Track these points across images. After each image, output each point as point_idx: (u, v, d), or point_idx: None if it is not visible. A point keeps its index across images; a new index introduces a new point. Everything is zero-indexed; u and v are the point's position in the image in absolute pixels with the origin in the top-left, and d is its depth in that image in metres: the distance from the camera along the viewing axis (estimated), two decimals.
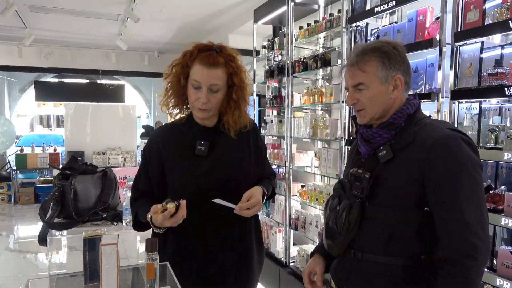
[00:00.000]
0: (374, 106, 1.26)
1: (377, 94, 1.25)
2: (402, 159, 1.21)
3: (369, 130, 1.29)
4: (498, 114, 1.85)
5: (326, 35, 3.14)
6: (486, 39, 1.81)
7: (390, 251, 1.22)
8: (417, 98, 1.31)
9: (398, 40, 2.23)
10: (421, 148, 1.18)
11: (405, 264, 1.20)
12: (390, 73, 1.24)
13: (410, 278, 1.20)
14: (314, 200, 3.02)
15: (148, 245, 1.17)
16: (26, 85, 10.28)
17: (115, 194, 2.39)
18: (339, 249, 1.32)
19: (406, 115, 1.25)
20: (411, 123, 1.24)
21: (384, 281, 1.23)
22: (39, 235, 2.16)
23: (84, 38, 7.57)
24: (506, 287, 1.58)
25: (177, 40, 7.47)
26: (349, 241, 1.28)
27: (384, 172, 1.23)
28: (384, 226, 1.23)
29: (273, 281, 3.46)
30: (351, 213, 1.27)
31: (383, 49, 1.24)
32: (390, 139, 1.25)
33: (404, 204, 1.21)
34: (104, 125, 6.50)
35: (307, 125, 3.18)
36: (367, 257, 1.26)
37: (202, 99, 1.42)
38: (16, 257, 4.73)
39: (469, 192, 1.13)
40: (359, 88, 1.26)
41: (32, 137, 10.80)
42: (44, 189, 7.28)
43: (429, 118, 1.28)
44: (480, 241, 1.10)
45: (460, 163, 1.14)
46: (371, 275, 1.26)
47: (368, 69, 1.24)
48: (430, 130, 1.20)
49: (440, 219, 1.16)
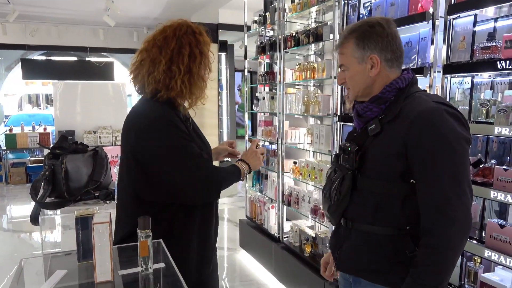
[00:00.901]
0: (355, 85, 1.33)
1: (356, 74, 1.31)
2: (388, 132, 1.25)
3: (361, 104, 1.34)
4: (490, 88, 1.85)
5: (318, 9, 3.09)
6: (479, 12, 1.79)
7: (377, 221, 1.26)
8: (410, 72, 1.33)
9: (390, 13, 2.20)
10: (405, 121, 1.21)
11: (391, 234, 1.25)
12: (365, 53, 1.28)
13: (396, 247, 1.25)
14: (307, 176, 3.04)
15: (141, 223, 1.17)
16: (12, 63, 10.03)
17: (106, 172, 2.37)
18: (334, 219, 1.39)
19: (396, 89, 1.28)
20: (401, 97, 1.27)
21: (371, 249, 1.29)
22: (31, 214, 2.15)
23: (71, 14, 7.36)
24: (494, 258, 1.62)
25: (166, 15, 7.30)
26: (342, 211, 1.34)
27: (372, 145, 1.28)
28: (372, 197, 1.27)
29: (266, 256, 3.52)
30: (343, 184, 1.32)
31: (359, 29, 1.29)
32: (380, 113, 1.29)
33: (390, 176, 1.24)
34: (94, 104, 6.42)
35: (299, 101, 3.17)
36: (357, 227, 1.31)
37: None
38: (10, 237, 4.74)
39: (449, 164, 1.15)
40: (342, 69, 1.35)
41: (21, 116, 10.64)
42: (35, 169, 7.24)
43: (421, 92, 1.29)
44: (456, 213, 1.13)
45: (441, 135, 1.15)
46: (360, 244, 1.31)
47: (345, 51, 1.31)
48: (416, 104, 1.22)
49: (420, 190, 1.19)
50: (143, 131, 1.38)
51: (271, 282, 3.40)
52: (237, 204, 5.93)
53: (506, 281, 1.65)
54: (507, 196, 1.58)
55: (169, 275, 1.24)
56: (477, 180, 1.72)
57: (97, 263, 1.14)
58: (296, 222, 3.42)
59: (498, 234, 1.63)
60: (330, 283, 2.67)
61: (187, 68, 1.42)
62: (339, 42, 1.34)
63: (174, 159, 1.36)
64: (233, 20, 6.24)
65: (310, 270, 2.87)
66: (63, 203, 2.19)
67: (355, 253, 1.33)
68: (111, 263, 1.16)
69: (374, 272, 1.29)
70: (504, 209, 1.84)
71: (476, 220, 1.87)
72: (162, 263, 1.27)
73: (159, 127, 1.37)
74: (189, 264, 1.48)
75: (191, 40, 1.44)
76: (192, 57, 1.43)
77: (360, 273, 1.33)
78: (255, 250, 3.79)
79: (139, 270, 1.19)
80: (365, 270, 1.31)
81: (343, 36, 1.33)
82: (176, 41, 1.42)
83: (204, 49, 1.46)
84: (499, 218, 1.81)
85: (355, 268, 1.35)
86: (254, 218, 3.86)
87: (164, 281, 1.23)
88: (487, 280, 1.69)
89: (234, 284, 3.47)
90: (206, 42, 1.48)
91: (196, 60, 1.43)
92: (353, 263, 1.35)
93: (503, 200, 1.59)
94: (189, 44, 1.43)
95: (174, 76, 1.40)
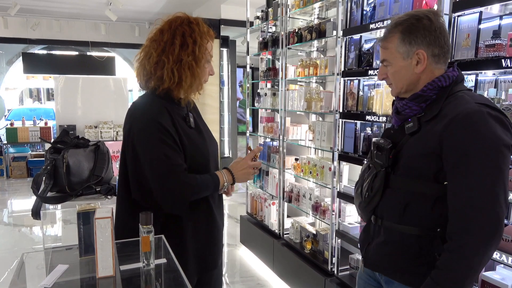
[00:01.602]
0: (398, 81, 1.29)
1: (400, 70, 1.27)
2: (425, 131, 1.21)
3: (401, 101, 1.30)
4: (494, 86, 1.84)
5: (321, 5, 3.07)
6: (484, 9, 1.77)
7: (405, 220, 1.25)
8: (456, 69, 1.27)
9: (394, 10, 2.18)
10: (443, 120, 1.16)
11: (419, 234, 1.23)
12: (411, 48, 1.23)
13: (422, 248, 1.23)
14: (308, 173, 3.04)
15: (143, 218, 1.16)
16: (13, 57, 10.03)
17: (108, 167, 2.37)
18: (365, 215, 1.38)
19: (438, 87, 1.23)
20: (443, 96, 1.22)
21: (398, 248, 1.27)
22: (33, 209, 2.15)
23: (72, 8, 7.35)
24: (495, 256, 1.61)
25: (168, 10, 7.26)
26: (373, 208, 1.33)
27: (408, 143, 1.25)
28: (402, 195, 1.26)
29: (267, 252, 3.52)
30: (375, 181, 1.31)
31: (405, 23, 1.24)
32: (420, 111, 1.25)
33: (422, 176, 1.21)
34: (95, 99, 6.41)
35: (301, 98, 3.16)
36: (385, 224, 1.30)
37: (213, 70, 1.53)
38: (11, 231, 4.75)
39: (484, 170, 1.09)
40: (385, 64, 1.31)
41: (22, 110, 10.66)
42: (36, 163, 7.24)
43: (465, 91, 1.23)
44: (482, 218, 1.08)
45: (480, 138, 1.09)
46: (388, 241, 1.30)
47: (389, 45, 1.27)
48: (457, 104, 1.17)
49: (449, 192, 1.16)
50: (136, 135, 1.40)
51: (271, 278, 3.40)
52: (238, 200, 5.93)
53: (507, 280, 1.64)
54: (510, 195, 1.57)
55: (170, 270, 1.24)
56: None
57: (99, 258, 1.14)
58: (296, 218, 3.42)
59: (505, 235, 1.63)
60: (331, 279, 2.68)
61: (177, 58, 1.41)
62: (384, 35, 1.29)
63: (153, 169, 1.36)
64: (235, 15, 6.23)
65: (310, 266, 2.88)
66: (64, 197, 2.19)
67: (383, 251, 1.32)
68: (113, 258, 1.16)
69: (400, 271, 1.28)
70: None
71: None
72: (163, 258, 1.27)
73: (149, 132, 1.37)
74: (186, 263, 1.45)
75: (185, 30, 1.43)
76: (184, 46, 1.41)
77: (386, 271, 1.32)
78: (256, 246, 3.80)
79: (141, 266, 1.19)
80: (392, 268, 1.30)
81: (387, 29, 1.28)
82: (171, 33, 1.42)
83: (197, 38, 1.43)
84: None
85: (382, 266, 1.33)
86: (255, 214, 3.86)
87: (166, 277, 1.23)
88: (488, 278, 1.68)
89: (234, 279, 3.48)
90: (202, 32, 1.45)
91: (188, 49, 1.41)
92: (380, 261, 1.33)
93: None
94: (182, 35, 1.42)
95: (163, 66, 1.40)
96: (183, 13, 1.50)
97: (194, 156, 1.45)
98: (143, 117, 1.40)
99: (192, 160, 1.43)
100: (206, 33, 1.47)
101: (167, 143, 1.36)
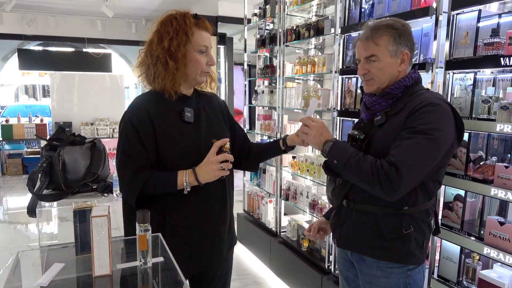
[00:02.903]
0: (382, 76, 1.42)
1: (386, 66, 1.41)
2: (391, 123, 1.39)
3: (370, 98, 1.47)
4: (492, 85, 1.83)
5: (319, 2, 3.06)
6: (483, 7, 1.77)
7: (376, 201, 1.38)
8: (416, 72, 1.46)
9: (393, 8, 2.18)
10: (406, 111, 1.35)
11: (388, 213, 1.39)
12: (400, 48, 1.40)
13: (391, 226, 1.39)
14: (305, 171, 3.03)
15: (140, 217, 1.15)
16: (9, 53, 9.94)
17: (104, 165, 2.36)
18: (337, 200, 1.52)
19: (403, 86, 1.42)
20: (406, 94, 1.41)
21: (370, 227, 1.43)
22: (28, 206, 2.14)
23: (68, 4, 7.29)
24: (493, 255, 1.61)
25: (165, 7, 7.23)
26: (345, 193, 1.48)
27: (377, 134, 1.42)
28: None
29: (264, 250, 3.52)
30: None
31: (394, 26, 1.40)
32: (387, 106, 1.43)
33: None
34: (91, 95, 6.38)
35: (299, 95, 3.15)
36: (358, 207, 1.46)
37: (212, 61, 1.52)
38: (6, 228, 4.72)
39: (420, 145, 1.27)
40: (372, 59, 1.42)
41: (18, 107, 10.58)
42: (32, 160, 7.20)
43: (425, 90, 1.43)
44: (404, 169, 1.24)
45: (426, 120, 1.28)
46: (360, 222, 1.46)
47: (381, 42, 1.40)
48: (419, 99, 1.36)
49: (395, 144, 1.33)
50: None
51: (268, 276, 3.40)
52: (234, 197, 5.91)
53: (504, 278, 1.65)
54: (507, 194, 1.57)
55: (167, 269, 1.23)
56: (477, 177, 1.71)
57: (96, 256, 1.13)
58: (294, 216, 3.42)
59: (497, 232, 1.63)
60: (328, 277, 2.68)
61: (153, 54, 1.45)
62: (372, 33, 1.41)
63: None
64: (232, 12, 6.20)
65: (307, 264, 2.88)
66: (60, 195, 2.17)
67: (355, 231, 1.47)
68: (110, 256, 1.15)
69: (371, 247, 1.43)
70: (503, 206, 1.83)
71: (475, 217, 1.87)
72: (161, 257, 1.26)
73: (121, 130, 1.47)
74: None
75: (172, 25, 1.44)
76: (160, 43, 1.44)
77: (359, 248, 1.47)
78: (253, 244, 3.79)
79: (138, 264, 1.18)
80: (364, 245, 1.45)
81: (376, 28, 1.41)
82: (157, 32, 1.46)
83: (172, 32, 1.42)
84: (499, 215, 1.81)
85: (354, 244, 1.49)
86: (252, 212, 3.86)
87: (163, 275, 1.22)
88: (486, 277, 1.69)
89: (231, 277, 3.47)
90: (182, 25, 1.44)
91: (162, 44, 1.43)
92: (352, 240, 1.49)
93: (503, 198, 1.59)
94: (167, 32, 1.43)
95: (144, 62, 1.50)
96: (176, 10, 1.50)
97: (182, 148, 1.46)
98: (123, 117, 1.49)
99: (179, 153, 1.45)
100: (190, 25, 1.44)
101: (130, 140, 1.43)
